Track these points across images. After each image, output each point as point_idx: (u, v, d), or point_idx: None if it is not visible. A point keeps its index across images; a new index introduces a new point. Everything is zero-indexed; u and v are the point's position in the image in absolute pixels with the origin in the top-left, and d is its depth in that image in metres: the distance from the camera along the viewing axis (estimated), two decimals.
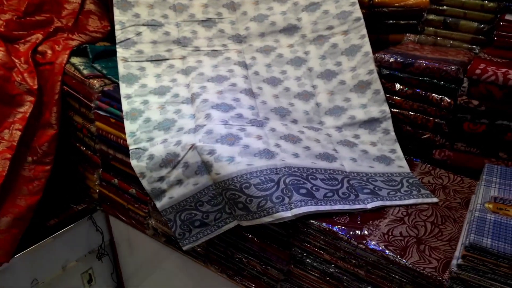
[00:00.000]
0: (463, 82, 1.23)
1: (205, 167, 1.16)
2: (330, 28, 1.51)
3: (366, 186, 1.17)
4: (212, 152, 1.15)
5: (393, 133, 1.34)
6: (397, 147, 1.33)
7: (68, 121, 1.66)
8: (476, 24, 1.44)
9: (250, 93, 1.40)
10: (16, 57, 1.58)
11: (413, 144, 1.39)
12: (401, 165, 1.29)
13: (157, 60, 1.53)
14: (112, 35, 1.63)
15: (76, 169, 1.76)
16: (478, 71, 1.20)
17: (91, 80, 1.51)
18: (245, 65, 1.52)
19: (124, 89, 1.41)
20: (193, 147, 1.18)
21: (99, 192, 1.67)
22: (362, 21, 1.48)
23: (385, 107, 1.36)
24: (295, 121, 1.36)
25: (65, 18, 1.78)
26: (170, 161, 1.20)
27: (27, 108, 1.53)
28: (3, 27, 1.61)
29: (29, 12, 1.71)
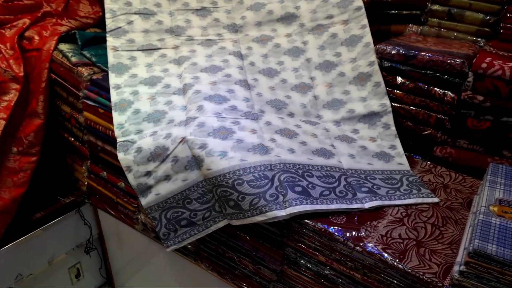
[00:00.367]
0: (468, 76, 1.18)
1: (196, 162, 1.11)
2: (330, 17, 1.45)
3: (364, 184, 1.12)
4: (203, 146, 1.09)
5: (393, 128, 1.28)
6: (398, 143, 1.27)
7: (55, 110, 1.60)
8: (482, 15, 1.37)
9: (245, 84, 1.34)
10: (1, 43, 1.51)
11: (414, 140, 1.34)
12: (401, 162, 1.24)
13: (148, 49, 1.47)
14: (104, 21, 1.56)
15: (64, 160, 1.70)
16: (484, 65, 1.14)
17: (79, 68, 1.44)
18: (240, 55, 1.45)
19: (113, 79, 1.34)
20: (183, 140, 1.12)
21: (87, 184, 1.61)
22: (363, 10, 1.42)
23: (386, 101, 1.30)
24: (291, 114, 1.30)
25: (55, 2, 1.71)
26: (159, 154, 1.15)
27: (12, 96, 1.46)
28: None
29: None
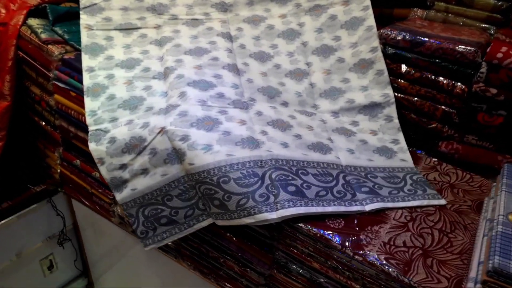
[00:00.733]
0: (480, 66, 1.06)
1: (177, 155, 0.98)
2: None
3: (364, 184, 1.01)
4: (185, 138, 0.96)
5: (396, 121, 1.17)
6: (401, 137, 1.16)
7: (24, 91, 1.45)
8: (493, 0, 1.26)
9: (234, 69, 1.21)
10: None
11: (417, 134, 1.22)
12: (404, 158, 1.13)
13: (127, 29, 1.32)
14: None
15: (35, 146, 1.56)
16: (499, 55, 1.03)
17: (49, 46, 1.29)
18: (229, 37, 1.32)
19: (86, 61, 1.20)
20: (163, 131, 0.99)
21: (60, 172, 1.48)
22: None
23: (389, 91, 1.18)
24: (285, 103, 1.17)
25: None
26: (135, 146, 1.02)
27: None
28: None
29: None
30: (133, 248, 1.53)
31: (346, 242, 0.87)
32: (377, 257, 0.84)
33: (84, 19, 1.30)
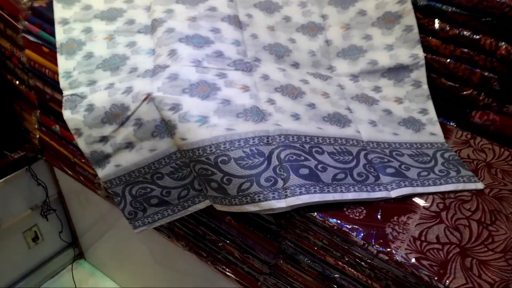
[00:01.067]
0: None
1: (166, 127, 0.82)
2: None
3: (389, 164, 0.85)
4: (176, 107, 0.79)
5: (425, 87, 1.00)
6: (430, 106, 0.99)
7: None
8: None
9: (236, 22, 1.01)
10: None
11: (447, 101, 1.06)
12: (433, 132, 0.96)
13: None
14: None
15: (11, 107, 1.38)
16: None
17: None
18: None
19: (59, 11, 1.00)
20: (149, 98, 0.82)
21: (39, 138, 1.32)
22: None
23: (418, 51, 1.00)
24: (296, 64, 0.99)
25: None
26: (116, 115, 0.85)
27: None
28: None
29: None
30: (122, 218, 1.39)
31: (369, 237, 0.73)
32: (406, 257, 0.70)
33: None
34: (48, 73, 1.07)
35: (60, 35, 0.97)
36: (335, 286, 0.84)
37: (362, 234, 0.73)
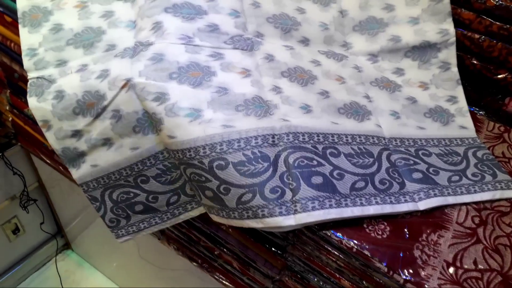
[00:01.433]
0: None
1: (150, 122, 0.68)
2: None
3: (415, 166, 0.72)
4: (161, 97, 0.65)
5: (455, 70, 0.86)
6: (460, 92, 0.85)
7: None
8: None
9: None
10: None
11: (477, 86, 0.91)
12: (464, 124, 0.83)
13: None
14: None
15: None
16: None
17: None
18: None
19: None
20: (128, 84, 0.67)
21: (12, 121, 1.16)
22: None
23: (449, 25, 0.85)
24: (305, 40, 0.83)
25: None
26: (91, 105, 0.70)
27: None
28: None
29: None
30: None
31: (395, 262, 0.61)
32: None
33: None
34: (14, 47, 0.90)
35: (22, 1, 0.79)
36: None
37: (387, 260, 0.61)
